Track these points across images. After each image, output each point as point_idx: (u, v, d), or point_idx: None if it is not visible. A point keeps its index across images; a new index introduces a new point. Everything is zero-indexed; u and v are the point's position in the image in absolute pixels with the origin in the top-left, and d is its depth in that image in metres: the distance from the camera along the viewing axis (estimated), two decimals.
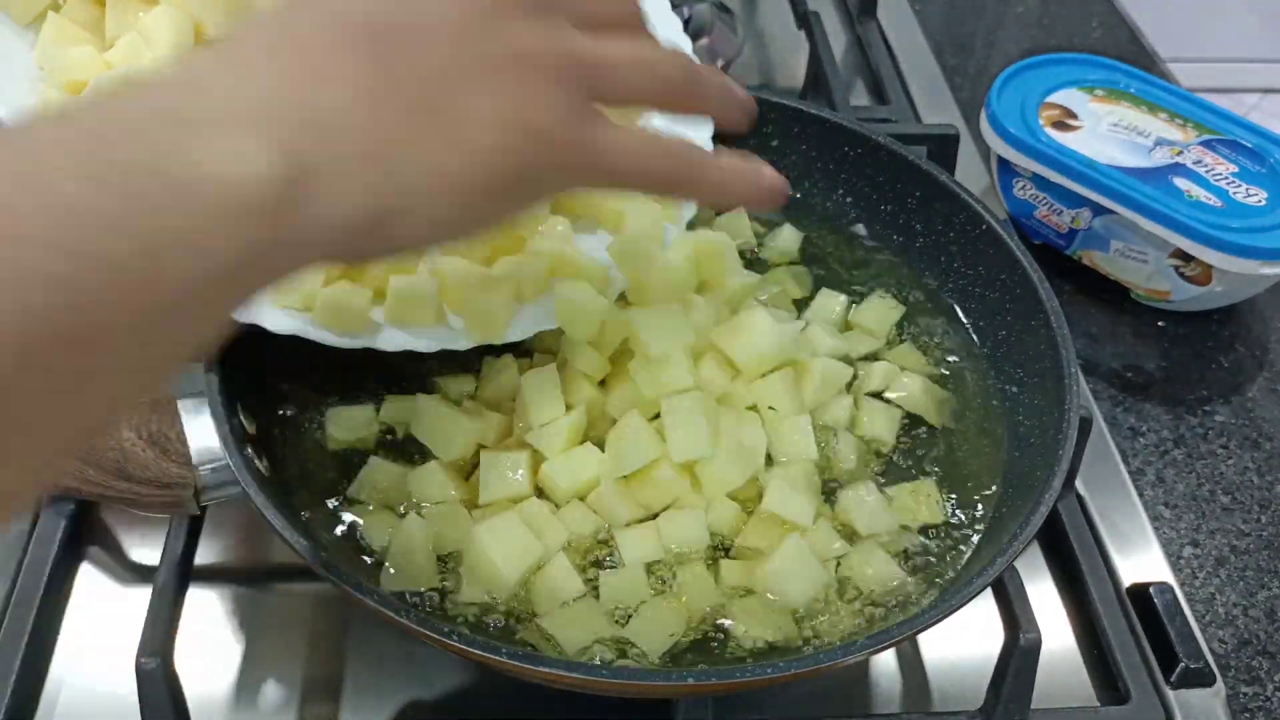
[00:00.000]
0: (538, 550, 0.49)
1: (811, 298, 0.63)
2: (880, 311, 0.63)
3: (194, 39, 0.52)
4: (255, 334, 0.55)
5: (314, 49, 0.35)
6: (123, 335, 0.29)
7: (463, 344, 0.54)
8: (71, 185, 0.29)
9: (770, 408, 0.54)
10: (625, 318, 0.53)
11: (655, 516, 0.51)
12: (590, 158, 0.41)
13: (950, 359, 0.61)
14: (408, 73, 0.36)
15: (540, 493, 0.51)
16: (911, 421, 0.58)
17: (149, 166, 0.30)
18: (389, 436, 0.55)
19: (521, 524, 0.49)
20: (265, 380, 0.55)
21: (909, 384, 0.58)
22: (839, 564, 0.51)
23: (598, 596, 0.49)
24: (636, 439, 0.50)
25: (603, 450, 0.51)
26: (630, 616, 0.48)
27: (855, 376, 0.58)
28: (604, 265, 0.57)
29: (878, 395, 0.58)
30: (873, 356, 0.60)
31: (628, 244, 0.57)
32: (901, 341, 0.62)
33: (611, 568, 0.50)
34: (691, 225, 0.63)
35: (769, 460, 0.53)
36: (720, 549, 0.51)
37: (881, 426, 0.56)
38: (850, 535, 0.52)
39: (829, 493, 0.54)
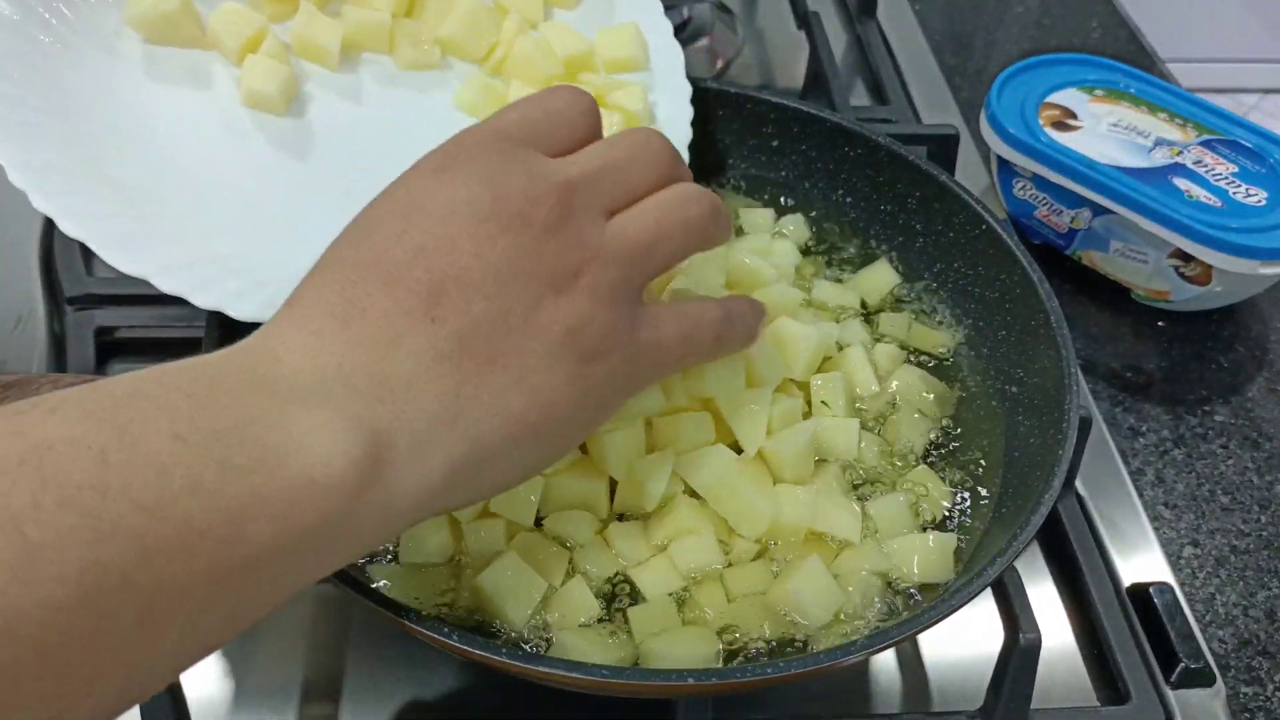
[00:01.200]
0: (543, 586, 0.48)
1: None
2: (879, 280, 0.64)
3: None
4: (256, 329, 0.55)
5: (377, 318, 0.37)
6: (191, 596, 0.29)
7: None
8: (165, 445, 0.29)
9: (823, 402, 0.55)
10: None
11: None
12: (646, 356, 0.42)
13: (950, 359, 0.61)
14: (466, 329, 0.37)
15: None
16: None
17: (238, 436, 0.31)
18: None
19: (522, 563, 0.48)
20: None
21: (909, 378, 0.59)
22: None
23: (621, 627, 0.49)
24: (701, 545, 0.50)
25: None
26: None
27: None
28: None
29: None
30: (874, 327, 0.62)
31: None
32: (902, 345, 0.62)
33: (627, 596, 0.50)
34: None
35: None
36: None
37: (910, 432, 0.57)
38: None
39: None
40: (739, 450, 0.52)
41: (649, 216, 0.43)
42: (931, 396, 0.59)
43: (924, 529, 0.53)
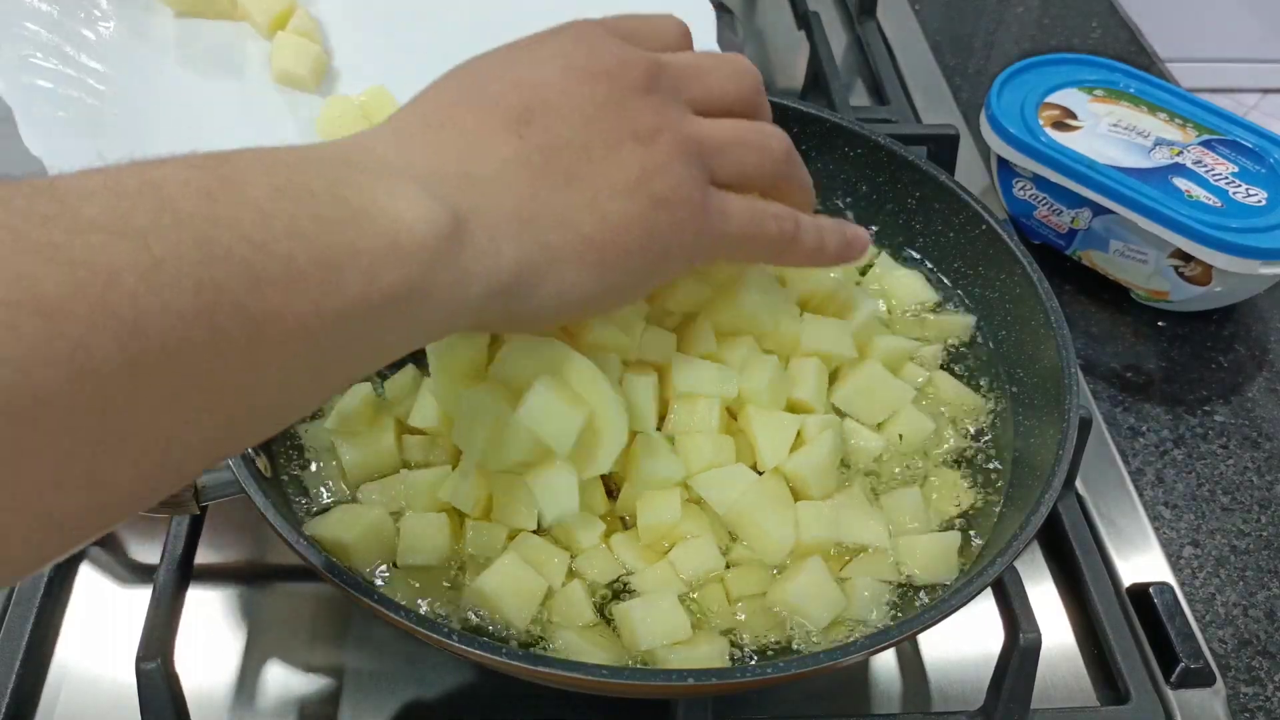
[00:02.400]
0: (543, 586, 0.48)
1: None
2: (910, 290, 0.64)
3: None
4: None
5: (469, 128, 0.40)
6: (292, 336, 0.32)
7: None
8: (265, 195, 0.32)
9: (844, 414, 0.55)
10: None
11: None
12: (710, 223, 0.45)
13: (950, 359, 0.61)
14: (549, 147, 0.41)
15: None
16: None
17: (331, 194, 0.34)
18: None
19: (523, 564, 0.48)
20: None
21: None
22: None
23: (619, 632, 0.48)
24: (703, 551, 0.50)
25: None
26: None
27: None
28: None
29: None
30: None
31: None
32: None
33: (627, 595, 0.49)
34: None
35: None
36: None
37: (937, 438, 0.56)
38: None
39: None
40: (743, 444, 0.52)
41: (727, 126, 0.46)
42: (964, 410, 0.58)
43: (944, 528, 0.53)
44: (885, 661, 0.54)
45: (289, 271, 0.31)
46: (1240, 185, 0.70)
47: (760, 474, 0.51)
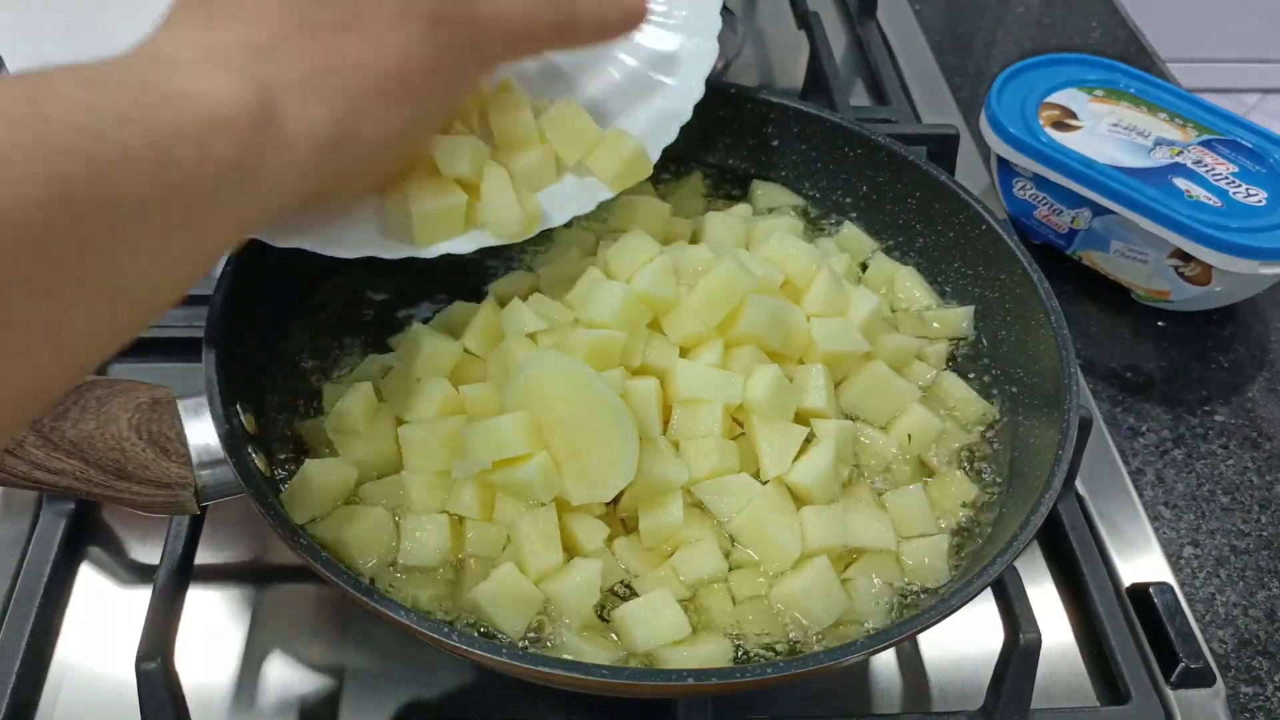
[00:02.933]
0: (540, 598, 0.48)
1: None
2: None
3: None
4: (256, 329, 0.55)
5: (231, 3, 0.42)
6: (146, 215, 0.34)
7: (490, 241, 0.54)
8: (82, 93, 0.33)
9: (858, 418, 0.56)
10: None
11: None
12: (486, 25, 0.47)
13: (950, 359, 0.61)
14: (319, 4, 0.43)
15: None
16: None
17: (142, 86, 0.35)
18: None
19: (519, 576, 0.48)
20: (265, 382, 0.56)
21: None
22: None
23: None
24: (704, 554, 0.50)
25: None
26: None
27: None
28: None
29: None
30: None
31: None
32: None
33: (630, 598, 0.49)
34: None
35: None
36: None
37: (946, 441, 0.57)
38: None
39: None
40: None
41: None
42: (969, 408, 0.58)
43: (946, 527, 0.53)
44: (885, 661, 0.54)
45: (126, 154, 0.33)
46: (1240, 185, 0.70)
47: (764, 483, 0.51)
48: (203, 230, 0.37)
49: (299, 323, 0.59)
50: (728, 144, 0.69)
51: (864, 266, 0.65)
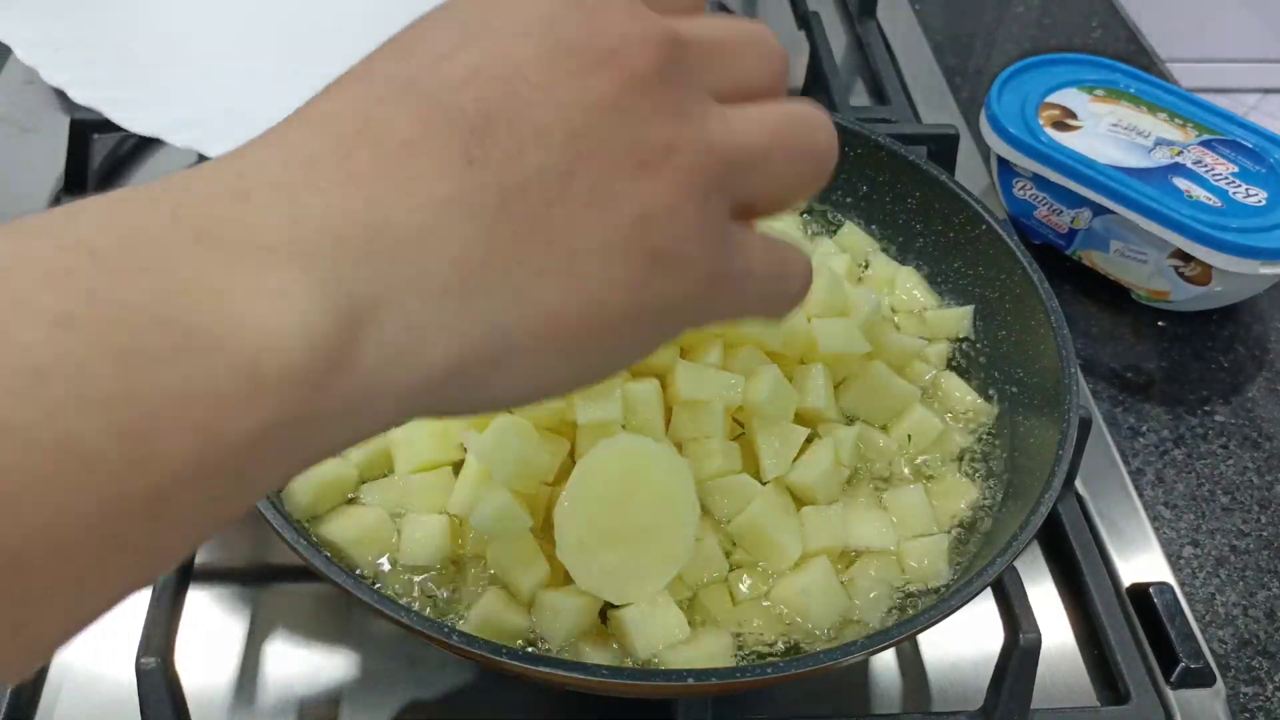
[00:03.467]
0: (525, 630, 0.47)
1: None
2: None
3: None
4: None
5: (393, 141, 0.27)
6: (74, 557, 0.22)
7: None
8: (42, 335, 0.21)
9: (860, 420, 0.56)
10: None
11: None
12: (719, 296, 0.32)
13: (950, 359, 0.61)
14: (511, 182, 0.28)
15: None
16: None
17: (155, 311, 0.22)
18: None
19: (503, 606, 0.47)
20: None
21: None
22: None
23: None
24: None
25: None
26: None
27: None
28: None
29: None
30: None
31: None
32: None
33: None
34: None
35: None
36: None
37: (946, 441, 0.57)
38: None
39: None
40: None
41: (767, 120, 0.33)
42: (969, 409, 0.58)
43: (946, 527, 0.53)
44: (885, 661, 0.54)
45: (65, 465, 0.21)
46: (1240, 185, 0.70)
47: (764, 483, 0.51)
48: (166, 538, 0.24)
49: None
50: None
51: (864, 266, 0.65)
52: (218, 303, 0.23)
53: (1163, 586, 0.56)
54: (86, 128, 0.69)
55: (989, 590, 0.52)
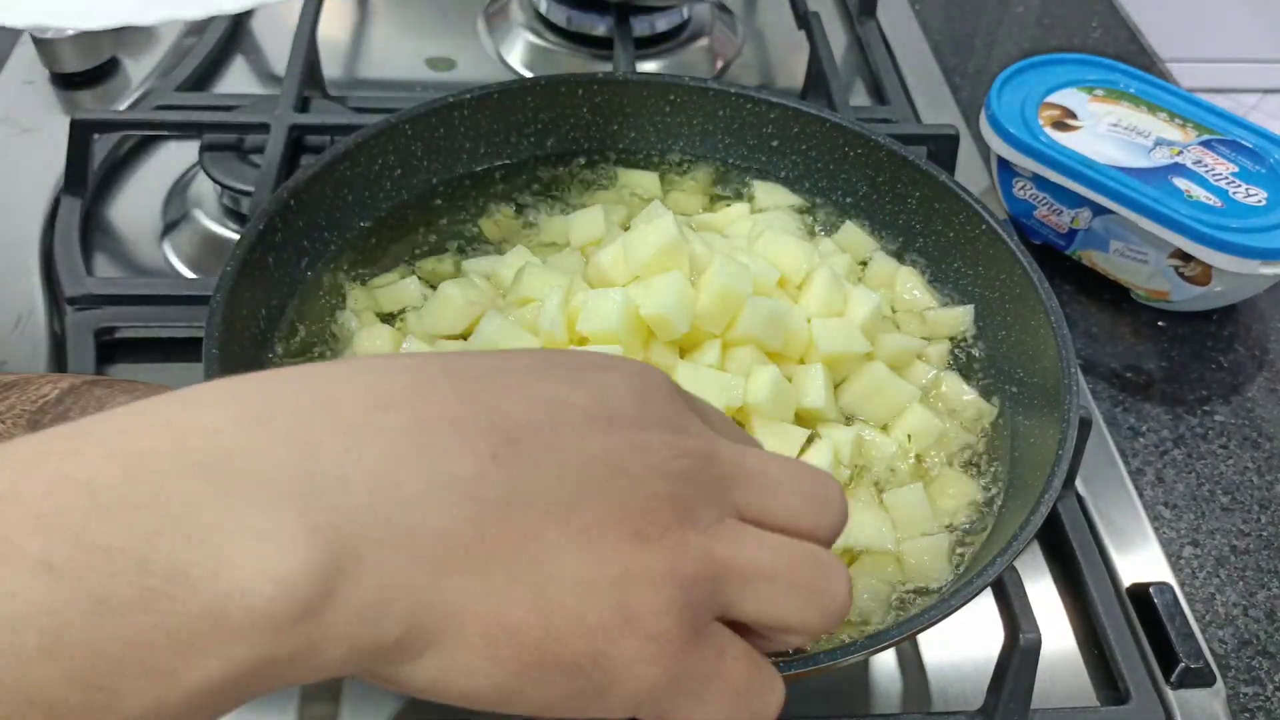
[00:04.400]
0: None
1: None
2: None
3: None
4: (256, 331, 0.55)
5: (435, 411, 0.29)
6: None
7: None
8: (24, 583, 0.22)
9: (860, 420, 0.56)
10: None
11: None
12: (685, 682, 0.31)
13: (950, 361, 0.61)
14: (524, 485, 0.29)
15: None
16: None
17: (138, 555, 0.23)
18: None
19: None
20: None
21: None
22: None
23: None
24: None
25: None
26: None
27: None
28: None
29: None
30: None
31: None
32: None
33: None
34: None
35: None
36: None
37: (946, 441, 0.56)
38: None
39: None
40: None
41: (782, 549, 0.33)
42: (969, 409, 0.58)
43: (945, 527, 0.53)
44: (885, 661, 0.54)
45: (32, 706, 0.22)
46: (1240, 185, 0.70)
47: None
48: None
49: (299, 325, 0.59)
50: (728, 144, 0.69)
51: (864, 266, 0.65)
52: (206, 537, 0.24)
53: (1163, 586, 0.56)
54: (86, 128, 0.69)
55: (989, 590, 0.52)
